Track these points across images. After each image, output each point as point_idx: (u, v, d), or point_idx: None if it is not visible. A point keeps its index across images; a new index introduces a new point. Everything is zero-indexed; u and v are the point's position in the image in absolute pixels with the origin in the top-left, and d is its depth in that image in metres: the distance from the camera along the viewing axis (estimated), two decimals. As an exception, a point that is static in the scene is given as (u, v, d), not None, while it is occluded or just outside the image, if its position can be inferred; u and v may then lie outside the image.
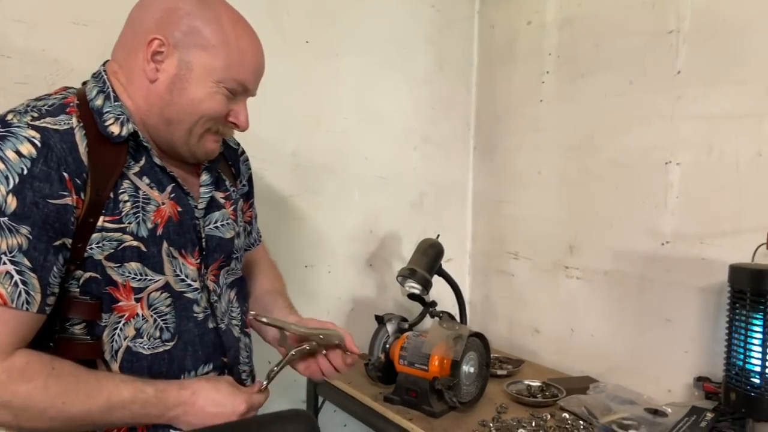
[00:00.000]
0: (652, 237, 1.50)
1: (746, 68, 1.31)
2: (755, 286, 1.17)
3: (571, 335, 1.72)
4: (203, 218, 1.00)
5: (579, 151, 1.69)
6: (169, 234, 0.92)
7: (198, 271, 0.97)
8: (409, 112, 1.95)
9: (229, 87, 0.92)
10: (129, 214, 0.88)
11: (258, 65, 0.97)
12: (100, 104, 0.90)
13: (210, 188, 1.02)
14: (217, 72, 0.90)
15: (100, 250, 0.86)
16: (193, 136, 0.94)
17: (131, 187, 0.90)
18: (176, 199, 0.95)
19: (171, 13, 0.89)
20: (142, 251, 0.89)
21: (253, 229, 1.27)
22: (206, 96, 0.91)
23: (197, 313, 0.96)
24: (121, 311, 0.89)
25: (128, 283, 0.88)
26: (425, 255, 1.60)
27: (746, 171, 1.32)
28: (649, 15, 1.49)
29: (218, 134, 0.98)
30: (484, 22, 2.03)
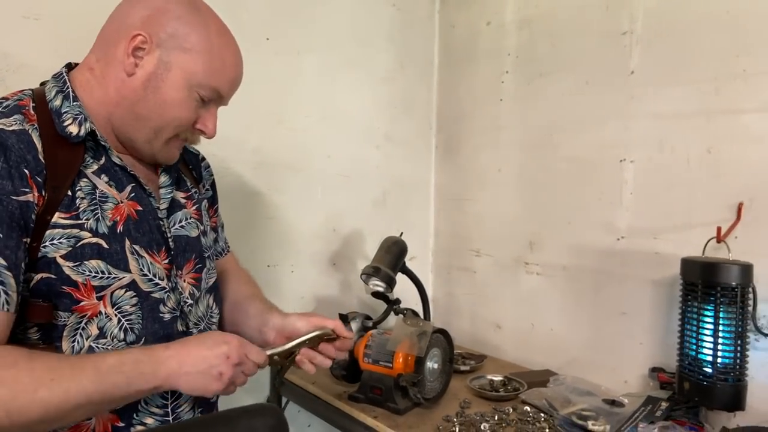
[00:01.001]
0: (608, 232, 1.54)
1: (695, 68, 1.36)
2: (706, 278, 1.22)
3: (532, 330, 1.76)
4: (167, 219, 0.99)
5: (538, 150, 1.73)
6: (129, 231, 0.91)
7: (168, 271, 0.96)
8: (371, 111, 1.95)
9: (203, 94, 0.94)
10: (86, 211, 0.87)
11: (236, 77, 0.99)
12: (59, 104, 0.90)
13: (170, 189, 1.02)
14: (194, 77, 0.92)
15: (54, 248, 0.84)
16: (158, 138, 0.95)
17: (89, 185, 0.89)
18: (137, 198, 0.95)
19: (160, 14, 0.91)
20: (104, 248, 0.88)
21: (220, 238, 1.26)
22: (178, 99, 0.92)
23: (163, 313, 0.94)
24: (82, 311, 0.87)
25: (89, 281, 0.86)
26: (389, 253, 1.60)
27: (696, 167, 1.37)
28: (604, 16, 1.54)
29: (184, 140, 1.00)
30: (445, 21, 2.05)
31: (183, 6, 0.93)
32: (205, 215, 1.12)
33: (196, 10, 0.94)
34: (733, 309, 1.20)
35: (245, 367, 0.90)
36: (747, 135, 1.28)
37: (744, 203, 1.28)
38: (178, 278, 0.99)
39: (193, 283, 1.01)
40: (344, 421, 1.40)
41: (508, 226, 1.83)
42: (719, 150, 1.33)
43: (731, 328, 1.20)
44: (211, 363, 0.85)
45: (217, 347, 0.87)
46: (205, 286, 1.05)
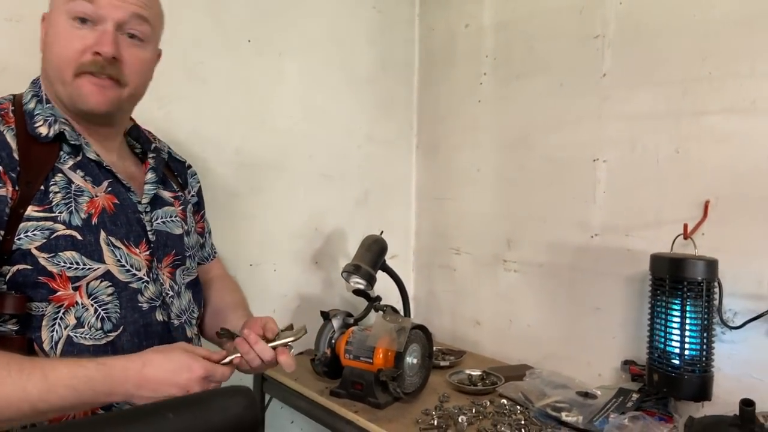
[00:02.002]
0: (583, 230, 1.59)
1: (664, 71, 1.41)
2: (673, 273, 1.27)
3: (510, 326, 1.80)
4: (150, 212, 1.02)
5: (515, 149, 1.77)
6: (105, 224, 0.94)
7: (149, 263, 0.99)
8: (352, 111, 1.98)
9: (73, 12, 0.91)
10: (60, 204, 0.90)
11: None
12: (32, 107, 0.95)
13: (154, 186, 1.05)
14: (58, 5, 0.92)
15: (29, 240, 0.87)
16: (67, 84, 0.93)
17: (63, 180, 0.92)
18: (114, 192, 0.98)
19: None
20: (78, 239, 0.90)
21: (207, 243, 1.29)
22: (59, 35, 0.92)
23: (141, 303, 0.97)
24: (59, 301, 0.89)
25: (64, 272, 0.89)
26: (369, 251, 1.63)
27: (665, 167, 1.41)
28: (577, 20, 1.58)
29: (93, 75, 0.93)
30: (424, 24, 2.08)
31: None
32: (190, 218, 1.15)
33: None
34: (699, 303, 1.25)
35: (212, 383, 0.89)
36: (713, 135, 1.33)
37: (710, 201, 1.33)
38: (159, 270, 1.01)
39: (169, 277, 1.04)
40: (326, 417, 1.43)
41: (487, 224, 1.87)
42: (687, 150, 1.37)
43: (697, 321, 1.25)
44: (169, 393, 0.83)
45: (178, 374, 0.84)
46: (181, 281, 1.07)
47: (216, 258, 1.34)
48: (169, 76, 1.56)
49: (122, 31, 0.94)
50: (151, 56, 1.02)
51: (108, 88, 0.94)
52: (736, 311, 1.29)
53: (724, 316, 1.29)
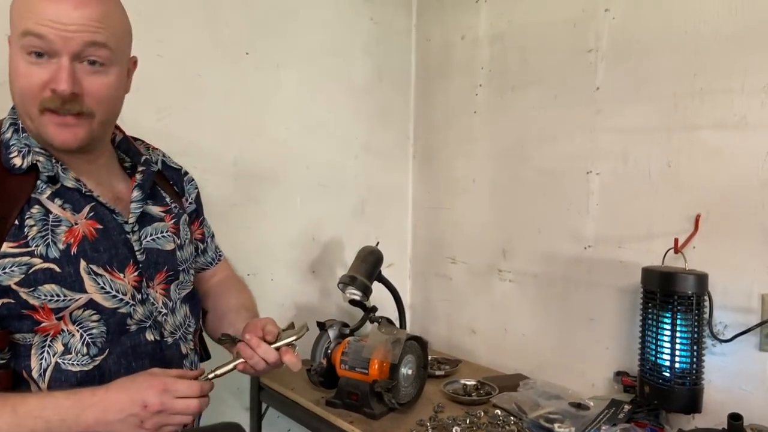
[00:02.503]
0: (576, 241, 1.60)
1: (656, 86, 1.43)
2: (664, 287, 1.28)
3: (505, 335, 1.82)
4: (138, 232, 1.01)
5: (509, 160, 1.79)
6: (85, 252, 0.92)
7: (137, 284, 0.98)
8: (349, 122, 2.00)
9: (25, 46, 0.85)
10: (36, 238, 0.89)
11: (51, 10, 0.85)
12: (9, 137, 0.93)
13: (140, 204, 1.03)
14: (13, 32, 0.87)
15: (7, 276, 0.86)
16: (31, 117, 0.91)
17: (40, 212, 0.90)
18: (96, 217, 0.96)
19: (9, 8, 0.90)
20: (56, 272, 0.89)
21: (209, 248, 1.28)
22: (15, 71, 0.88)
23: (130, 325, 0.97)
24: (44, 331, 0.90)
25: (46, 305, 0.89)
26: (365, 262, 1.65)
27: (657, 180, 1.43)
28: (571, 34, 1.60)
29: (56, 114, 0.89)
30: (421, 35, 2.10)
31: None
32: (183, 230, 1.13)
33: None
34: (690, 316, 1.26)
35: (173, 409, 0.86)
36: (704, 150, 1.35)
37: (701, 215, 1.35)
38: (150, 289, 1.00)
39: (163, 293, 1.03)
40: (322, 426, 1.45)
41: (482, 234, 1.88)
42: (678, 164, 1.39)
43: (687, 334, 1.26)
44: (130, 412, 0.84)
45: (137, 394, 0.84)
46: (176, 297, 1.07)
47: (222, 260, 1.32)
48: (168, 89, 1.58)
49: (80, 60, 0.89)
50: (116, 78, 0.94)
51: (73, 126, 0.90)
52: (727, 324, 1.31)
53: (714, 329, 1.30)
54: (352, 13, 1.97)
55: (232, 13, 1.69)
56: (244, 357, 0.98)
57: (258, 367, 0.98)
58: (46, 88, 0.87)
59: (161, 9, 1.57)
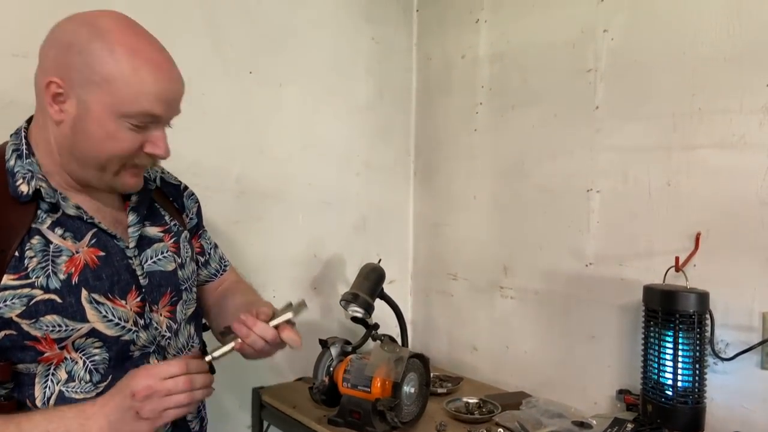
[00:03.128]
0: (577, 259, 1.61)
1: (655, 105, 1.44)
2: (666, 305, 1.29)
3: (507, 352, 1.82)
4: (138, 256, 1.00)
5: (510, 178, 1.80)
6: (87, 281, 0.91)
7: (140, 309, 0.98)
8: (351, 139, 2.02)
9: (133, 121, 0.89)
10: (36, 269, 0.88)
11: (164, 92, 0.91)
12: (13, 164, 0.92)
13: (137, 227, 1.02)
14: (115, 108, 0.87)
15: (8, 309, 0.86)
16: (107, 173, 0.93)
17: (41, 242, 0.90)
18: (98, 244, 0.95)
19: (66, 51, 0.87)
20: (57, 303, 0.88)
21: (211, 259, 1.27)
22: (109, 135, 0.88)
23: (133, 352, 0.97)
24: (48, 360, 0.90)
25: (48, 335, 0.88)
26: (367, 279, 1.65)
27: (657, 199, 1.44)
28: (570, 54, 1.62)
29: (137, 167, 0.96)
30: (422, 54, 2.12)
31: (85, 35, 0.87)
32: (184, 247, 1.11)
33: (99, 37, 0.87)
34: (692, 335, 1.27)
35: (162, 390, 0.85)
36: (703, 169, 1.36)
37: (701, 233, 1.36)
38: (154, 313, 1.00)
39: (169, 316, 1.03)
40: (324, 445, 1.44)
41: (484, 251, 1.89)
42: (678, 182, 1.40)
43: (690, 353, 1.27)
44: (123, 406, 0.85)
45: (125, 387, 0.86)
46: (182, 317, 1.07)
47: (228, 270, 1.31)
48: (172, 109, 1.60)
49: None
50: None
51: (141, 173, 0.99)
52: (728, 342, 1.31)
53: (716, 347, 1.31)
54: (353, 32, 1.99)
55: (236, 33, 1.71)
56: (240, 336, 0.97)
57: (256, 345, 0.97)
58: (139, 151, 0.93)
59: (166, 29, 1.57)
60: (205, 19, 1.65)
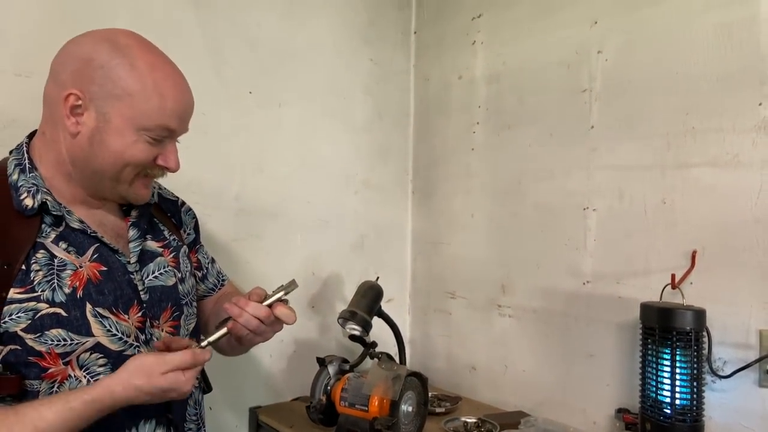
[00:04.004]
0: (575, 277, 1.62)
1: (649, 124, 1.46)
2: (663, 323, 1.29)
3: (505, 371, 1.81)
4: (140, 271, 1.01)
5: (507, 196, 1.81)
6: (90, 295, 0.92)
7: (141, 324, 0.98)
8: (349, 158, 2.03)
9: (151, 134, 0.93)
10: (42, 283, 0.89)
11: (181, 108, 0.96)
12: (16, 178, 0.93)
13: (138, 242, 1.03)
14: (135, 121, 0.91)
15: (14, 322, 0.86)
16: (121, 183, 0.96)
17: (46, 256, 0.91)
18: (100, 259, 0.96)
19: (85, 65, 0.90)
20: (63, 316, 0.89)
21: (209, 274, 1.28)
22: (127, 146, 0.92)
23: None
24: (51, 377, 0.89)
25: (53, 350, 0.88)
26: (365, 297, 1.65)
27: (653, 217, 1.45)
28: (565, 75, 1.64)
29: (148, 177, 1.00)
30: (419, 75, 2.15)
31: (106, 51, 0.90)
32: (183, 262, 1.13)
33: (120, 52, 0.90)
34: (689, 352, 1.27)
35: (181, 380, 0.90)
36: (698, 187, 1.38)
37: (697, 251, 1.36)
38: (154, 329, 1.00)
39: (171, 331, 1.03)
40: (321, 465, 1.43)
41: (482, 269, 1.90)
42: (673, 201, 1.42)
43: (687, 370, 1.27)
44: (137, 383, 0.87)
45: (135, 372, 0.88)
46: (185, 332, 1.08)
47: (227, 284, 1.32)
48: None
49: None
50: None
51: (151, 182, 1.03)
52: (726, 360, 1.31)
53: (713, 365, 1.31)
54: (352, 54, 2.03)
55: (237, 55, 1.73)
56: (233, 315, 0.98)
57: (250, 324, 0.98)
58: (152, 162, 0.97)
59: (168, 50, 1.60)
60: (206, 42, 1.67)
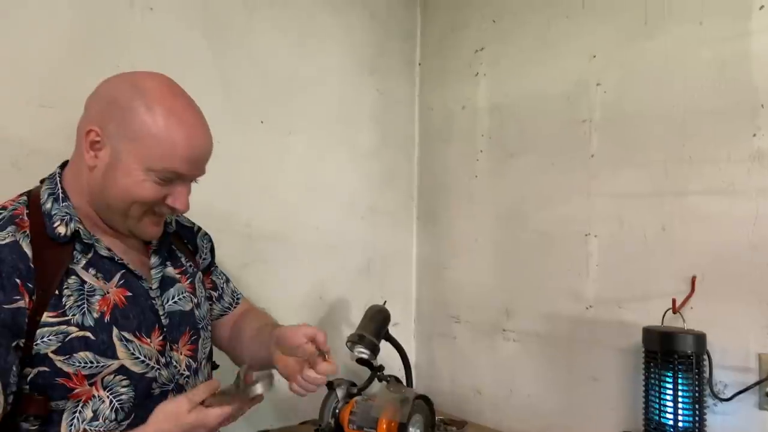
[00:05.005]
0: (578, 301, 1.65)
1: (647, 154, 1.52)
2: (665, 347, 1.33)
3: (510, 395, 1.83)
4: (160, 297, 1.05)
5: (510, 222, 1.86)
6: (116, 319, 0.96)
7: (162, 348, 1.02)
8: (356, 185, 2.08)
9: (159, 176, 0.96)
10: (73, 307, 0.93)
11: (191, 154, 0.98)
12: (49, 207, 0.97)
13: (160, 269, 1.08)
14: (143, 161, 0.94)
15: (45, 345, 0.90)
16: (130, 218, 0.99)
17: (76, 282, 0.95)
18: (126, 285, 1.00)
19: (109, 104, 0.96)
20: (91, 339, 0.93)
21: (224, 293, 1.32)
22: (134, 184, 0.95)
23: (154, 389, 1.00)
24: (77, 397, 0.93)
25: (80, 371, 0.92)
26: (373, 321, 1.68)
27: (653, 243, 1.50)
28: (565, 105, 1.70)
29: (157, 215, 1.02)
30: (424, 104, 2.22)
31: (128, 92, 0.95)
32: (199, 288, 1.17)
33: (140, 95, 0.95)
34: (691, 376, 1.30)
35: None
36: (696, 215, 1.42)
37: (697, 277, 1.40)
38: (174, 352, 1.04)
39: (190, 354, 1.07)
40: (330, 488, 1.44)
41: (486, 293, 1.93)
42: (672, 227, 1.46)
43: (689, 393, 1.30)
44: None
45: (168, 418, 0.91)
46: (202, 356, 1.12)
47: (242, 301, 1.35)
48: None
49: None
50: None
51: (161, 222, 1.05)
52: (726, 383, 1.34)
53: (714, 388, 1.34)
54: (359, 84, 2.09)
55: (248, 85, 1.80)
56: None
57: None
58: (161, 202, 0.99)
59: (182, 81, 1.66)
60: (219, 72, 1.74)
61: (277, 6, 1.86)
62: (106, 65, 1.46)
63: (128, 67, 1.49)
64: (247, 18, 1.79)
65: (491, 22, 1.94)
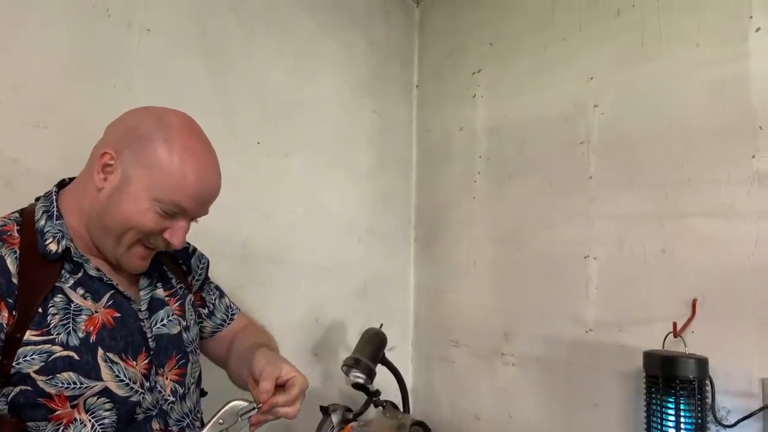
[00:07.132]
0: (578, 325, 1.63)
1: (646, 175, 1.51)
2: (666, 372, 1.30)
3: (510, 421, 1.79)
4: (149, 319, 1.03)
5: (509, 244, 1.85)
6: (103, 340, 0.95)
7: (147, 371, 0.99)
8: (353, 207, 2.07)
9: (163, 207, 0.96)
10: (57, 326, 0.91)
11: (200, 193, 0.99)
12: (43, 224, 0.97)
13: (148, 290, 1.06)
14: (152, 190, 0.95)
15: (28, 364, 0.88)
16: (121, 245, 0.98)
17: (63, 300, 0.93)
18: (114, 305, 0.99)
19: (129, 132, 0.97)
20: (75, 360, 0.91)
21: (216, 309, 1.29)
22: (138, 211, 0.95)
23: (138, 414, 0.97)
24: (58, 419, 0.90)
25: (62, 393, 0.90)
26: (369, 344, 1.65)
27: (653, 265, 1.48)
28: (563, 127, 1.70)
29: (149, 248, 1.01)
30: (421, 126, 2.22)
31: (150, 124, 0.96)
32: (188, 310, 1.15)
33: (162, 128, 0.96)
34: (693, 401, 1.27)
35: None
36: (696, 236, 1.41)
37: (698, 299, 1.38)
38: (159, 376, 1.01)
39: (177, 379, 1.04)
40: None
41: (484, 316, 1.91)
42: (672, 249, 1.45)
43: (692, 419, 1.27)
44: None
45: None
46: (191, 381, 1.08)
47: (238, 317, 1.32)
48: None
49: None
50: None
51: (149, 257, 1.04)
52: (729, 409, 1.31)
53: (717, 414, 1.31)
54: (356, 106, 2.10)
55: (246, 107, 1.80)
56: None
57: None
58: (158, 233, 0.99)
59: (180, 103, 1.66)
60: (218, 95, 1.74)
61: (276, 29, 1.87)
62: (103, 86, 1.47)
63: (124, 89, 1.51)
64: (246, 41, 1.80)
65: (488, 45, 1.95)
